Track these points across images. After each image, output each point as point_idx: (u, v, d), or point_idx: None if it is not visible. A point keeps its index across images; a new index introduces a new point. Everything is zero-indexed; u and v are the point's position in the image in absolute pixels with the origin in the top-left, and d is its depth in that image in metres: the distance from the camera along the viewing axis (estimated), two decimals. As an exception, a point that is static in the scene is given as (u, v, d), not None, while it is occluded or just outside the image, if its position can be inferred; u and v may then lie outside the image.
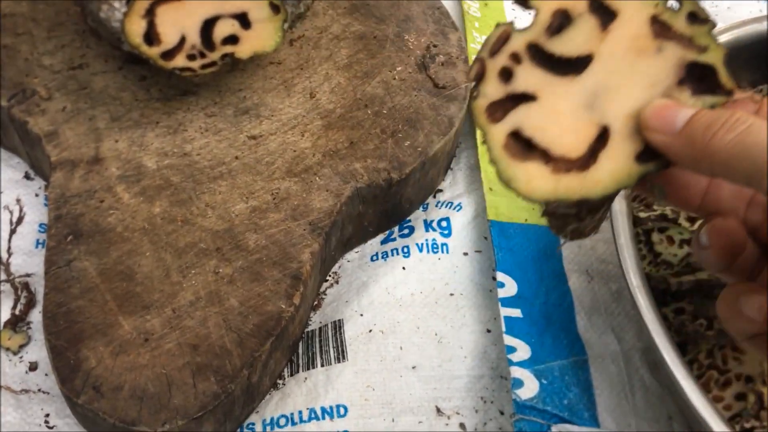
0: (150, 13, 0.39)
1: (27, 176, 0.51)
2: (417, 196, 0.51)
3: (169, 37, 0.41)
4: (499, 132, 0.29)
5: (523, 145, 0.29)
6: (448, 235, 0.50)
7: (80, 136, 0.47)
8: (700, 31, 0.29)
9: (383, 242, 0.50)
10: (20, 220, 0.47)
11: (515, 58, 0.30)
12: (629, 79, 0.29)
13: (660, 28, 0.29)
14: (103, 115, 0.48)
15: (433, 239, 0.49)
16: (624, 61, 0.29)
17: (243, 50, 0.43)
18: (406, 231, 0.50)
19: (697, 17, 0.29)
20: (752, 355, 0.40)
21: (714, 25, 0.29)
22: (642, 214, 0.44)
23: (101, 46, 0.51)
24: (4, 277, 0.45)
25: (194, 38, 0.42)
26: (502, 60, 0.30)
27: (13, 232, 0.46)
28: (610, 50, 0.29)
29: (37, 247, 0.47)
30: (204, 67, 0.43)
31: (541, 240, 0.48)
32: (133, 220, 0.43)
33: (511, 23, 0.30)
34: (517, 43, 0.30)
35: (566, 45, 0.29)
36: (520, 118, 0.29)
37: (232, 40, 0.43)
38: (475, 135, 0.54)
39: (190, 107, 0.49)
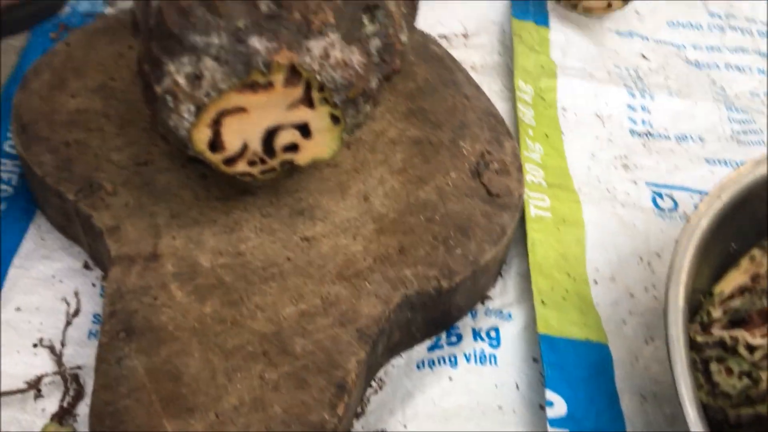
0: (216, 123, 0.41)
1: (86, 266, 0.52)
2: (466, 303, 0.51)
3: (232, 144, 0.42)
4: None
5: None
6: (497, 345, 0.49)
7: (140, 232, 0.48)
8: None
9: (430, 349, 0.50)
10: (77, 312, 0.48)
11: None
12: None
13: None
14: (164, 212, 0.49)
15: (482, 349, 0.48)
16: None
17: (302, 158, 0.44)
18: (454, 339, 0.50)
19: None
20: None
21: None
22: (699, 338, 0.43)
23: (167, 144, 0.53)
24: (55, 368, 0.45)
25: (256, 146, 0.43)
26: None
27: (68, 324, 0.47)
28: None
29: (89, 338, 0.48)
30: (264, 173, 0.44)
31: (592, 357, 0.47)
32: (184, 319, 0.44)
33: None
34: None
35: None
36: None
37: (292, 147, 0.44)
38: (526, 242, 0.53)
39: (247, 207, 0.50)
